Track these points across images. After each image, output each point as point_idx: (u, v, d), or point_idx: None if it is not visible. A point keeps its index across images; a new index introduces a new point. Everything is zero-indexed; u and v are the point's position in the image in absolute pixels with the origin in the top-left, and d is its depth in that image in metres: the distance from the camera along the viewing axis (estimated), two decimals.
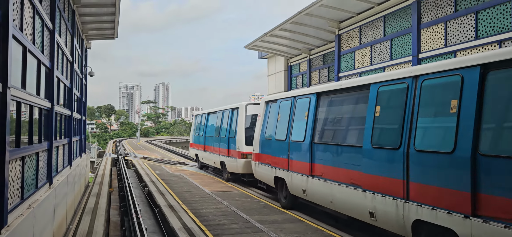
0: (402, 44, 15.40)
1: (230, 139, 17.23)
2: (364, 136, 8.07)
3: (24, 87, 7.30)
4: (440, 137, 6.36)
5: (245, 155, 15.83)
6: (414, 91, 6.93)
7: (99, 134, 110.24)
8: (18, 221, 6.29)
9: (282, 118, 12.20)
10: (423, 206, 6.35)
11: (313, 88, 10.89)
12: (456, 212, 5.73)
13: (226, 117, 18.29)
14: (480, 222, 5.35)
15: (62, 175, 11.98)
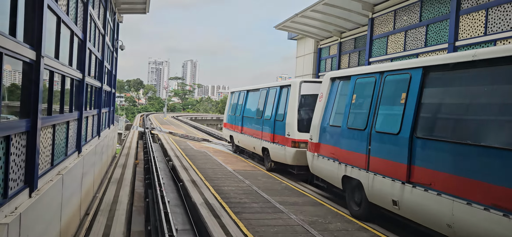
0: (439, 31, 14.77)
1: (276, 122, 14.64)
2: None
3: (57, 57, 7.49)
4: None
5: (297, 144, 13.17)
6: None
7: (128, 107, 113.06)
8: (47, 186, 6.55)
9: (358, 100, 9.46)
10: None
11: (414, 61, 8.23)
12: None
13: (272, 97, 15.67)
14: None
15: (91, 144, 12.36)
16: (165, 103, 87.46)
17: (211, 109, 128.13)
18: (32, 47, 5.72)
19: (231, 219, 8.39)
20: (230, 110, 21.79)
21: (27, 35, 5.66)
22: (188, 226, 9.49)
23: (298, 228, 8.00)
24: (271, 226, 8.06)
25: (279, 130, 14.22)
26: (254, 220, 8.38)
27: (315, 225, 8.26)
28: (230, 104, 21.97)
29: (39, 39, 5.88)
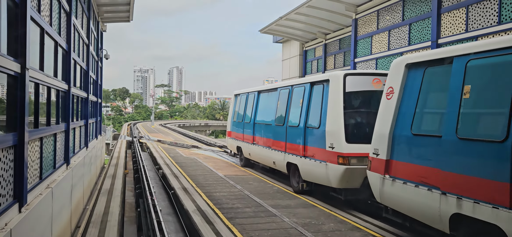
0: (421, 29, 15.03)
1: (309, 130, 11.45)
2: None
3: (41, 69, 7.38)
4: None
5: (346, 159, 9.77)
6: None
7: (114, 117, 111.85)
8: (37, 200, 6.43)
9: (481, 93, 6.05)
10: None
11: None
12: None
13: (298, 97, 12.47)
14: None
15: (79, 156, 12.19)
16: (152, 111, 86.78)
17: (199, 116, 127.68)
18: (16, 60, 5.62)
19: (224, 225, 8.36)
20: (235, 116, 18.47)
21: (10, 47, 5.56)
22: (181, 234, 9.41)
23: (291, 231, 8.01)
24: (265, 230, 8.06)
25: (315, 141, 11.04)
26: (247, 225, 8.37)
27: (309, 227, 8.29)
28: (235, 110, 18.69)
29: (23, 51, 5.79)
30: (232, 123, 18.79)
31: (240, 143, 17.37)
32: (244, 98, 17.56)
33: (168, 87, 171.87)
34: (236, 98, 19.00)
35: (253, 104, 16.24)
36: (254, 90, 16.61)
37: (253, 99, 16.34)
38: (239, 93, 18.66)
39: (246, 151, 16.61)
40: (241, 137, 17.15)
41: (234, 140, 18.34)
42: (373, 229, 8.30)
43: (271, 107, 14.41)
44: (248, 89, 17.47)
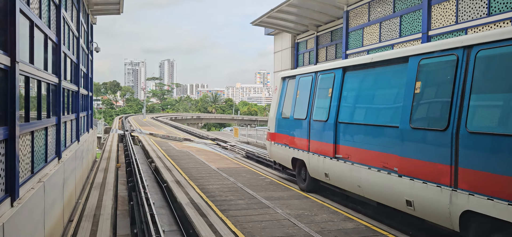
0: (412, 21, 15.13)
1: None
2: None
3: (32, 62, 7.30)
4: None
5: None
6: None
7: (105, 110, 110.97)
8: (29, 194, 6.40)
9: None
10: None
11: None
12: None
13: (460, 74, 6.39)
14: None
15: (71, 150, 12.11)
16: (143, 104, 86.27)
17: (191, 108, 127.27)
18: (5, 53, 5.55)
19: (218, 217, 8.40)
20: (286, 110, 12.37)
21: (0, 40, 5.50)
22: (175, 227, 9.44)
23: (285, 222, 8.08)
24: (258, 221, 8.12)
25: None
26: (241, 217, 8.42)
27: (302, 218, 8.37)
28: (284, 101, 12.63)
29: (13, 44, 5.71)
30: (279, 121, 12.69)
31: (301, 155, 11.15)
32: (308, 83, 11.29)
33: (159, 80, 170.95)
34: (286, 83, 12.77)
35: (333, 90, 9.94)
36: (330, 67, 10.46)
37: (333, 82, 10.00)
38: (292, 76, 12.42)
39: (317, 168, 10.29)
40: (303, 144, 11.07)
41: (285, 147, 12.16)
42: (365, 220, 8.41)
43: (387, 96, 8.40)
44: (315, 68, 11.26)
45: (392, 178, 7.60)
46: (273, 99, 13.55)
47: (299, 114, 11.42)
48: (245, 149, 24.47)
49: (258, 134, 30.39)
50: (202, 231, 7.41)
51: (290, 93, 12.25)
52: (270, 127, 13.36)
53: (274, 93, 13.73)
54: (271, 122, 13.32)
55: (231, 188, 11.31)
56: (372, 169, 8.20)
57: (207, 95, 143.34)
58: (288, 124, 12.09)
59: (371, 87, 8.97)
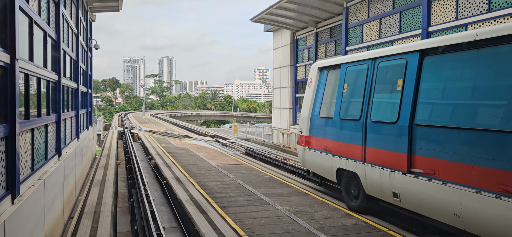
0: (412, 17, 15.11)
1: None
2: None
3: (31, 60, 7.29)
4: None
5: None
6: None
7: (105, 108, 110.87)
8: (30, 191, 6.41)
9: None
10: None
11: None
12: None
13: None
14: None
15: (70, 147, 12.11)
16: (143, 101, 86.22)
17: (190, 105, 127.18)
18: (5, 50, 5.55)
19: (218, 214, 8.42)
20: (326, 106, 10.35)
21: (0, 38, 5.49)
22: (175, 224, 9.46)
23: (285, 218, 8.11)
24: (258, 218, 8.14)
25: None
26: (241, 214, 8.44)
27: (301, 215, 8.39)
28: (323, 97, 10.54)
29: (12, 41, 5.71)
30: (316, 121, 10.58)
31: (352, 165, 8.90)
32: (361, 73, 9.05)
33: (158, 77, 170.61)
34: (324, 74, 10.67)
35: (406, 81, 7.73)
36: (405, 50, 7.93)
37: (405, 70, 7.79)
38: (335, 65, 10.21)
39: (380, 185, 8.05)
40: (355, 151, 8.81)
41: (325, 155, 9.94)
42: (365, 216, 8.43)
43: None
44: (372, 53, 8.89)
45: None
46: (306, 95, 11.12)
47: (347, 113, 9.23)
48: (245, 146, 24.50)
49: (258, 131, 30.41)
50: (202, 228, 7.44)
51: (332, 86, 10.18)
52: (303, 128, 10.97)
53: (307, 87, 11.21)
54: (303, 123, 10.96)
55: (231, 185, 11.33)
56: (483, 193, 5.83)
57: (207, 92, 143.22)
58: (330, 126, 9.79)
59: (477, 75, 6.38)
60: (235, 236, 7.01)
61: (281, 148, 25.09)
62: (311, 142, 10.66)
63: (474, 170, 6.02)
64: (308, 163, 10.98)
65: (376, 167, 8.09)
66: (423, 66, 7.40)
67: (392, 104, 8.01)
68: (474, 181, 6.00)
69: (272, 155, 19.98)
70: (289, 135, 25.69)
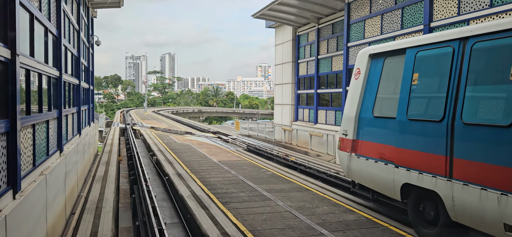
0: (414, 13, 15.04)
1: None
2: None
3: (32, 55, 7.28)
4: None
5: None
6: None
7: (107, 104, 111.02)
8: (31, 187, 6.41)
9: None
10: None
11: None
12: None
13: None
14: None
15: (72, 143, 12.13)
16: (145, 98, 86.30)
17: (192, 102, 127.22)
18: (6, 46, 5.54)
19: (219, 209, 8.42)
20: (383, 103, 8.45)
21: (0, 33, 5.48)
22: (176, 219, 9.48)
23: (286, 214, 8.10)
24: (260, 214, 8.14)
25: None
26: (242, 209, 8.45)
27: (303, 210, 8.39)
28: (377, 90, 8.56)
29: (13, 36, 5.70)
30: (367, 122, 8.60)
31: (429, 182, 6.90)
32: (442, 59, 7.06)
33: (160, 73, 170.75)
34: (379, 63, 8.59)
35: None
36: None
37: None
38: (398, 50, 8.10)
39: (482, 211, 5.94)
40: (433, 163, 6.83)
41: (383, 164, 7.91)
42: (366, 212, 8.42)
43: None
44: (457, 32, 6.83)
45: None
46: (352, 89, 9.07)
47: (420, 111, 7.29)
48: (246, 142, 24.50)
49: (259, 127, 30.42)
50: (203, 223, 7.44)
51: (393, 77, 8.21)
52: (347, 130, 8.95)
53: (353, 79, 9.08)
54: (348, 123, 8.95)
55: (232, 181, 11.33)
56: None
57: (208, 89, 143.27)
58: (390, 128, 7.79)
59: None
60: (237, 231, 7.01)
61: (283, 144, 25.09)
62: (359, 147, 8.60)
63: None
64: (354, 174, 8.81)
65: (472, 187, 5.95)
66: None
67: (500, 99, 5.95)
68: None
69: (274, 151, 19.98)
70: (291, 131, 25.68)
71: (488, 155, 5.81)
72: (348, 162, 8.93)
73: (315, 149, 21.94)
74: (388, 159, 7.70)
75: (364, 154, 8.45)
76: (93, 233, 7.69)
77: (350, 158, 8.85)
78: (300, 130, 24.66)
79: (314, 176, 13.44)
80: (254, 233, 6.94)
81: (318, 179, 12.93)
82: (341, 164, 9.39)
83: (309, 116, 25.37)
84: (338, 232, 7.04)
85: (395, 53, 8.15)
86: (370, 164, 8.18)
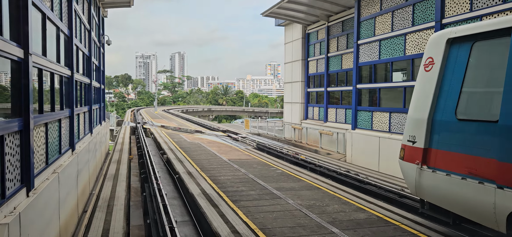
0: (425, 9, 14.84)
1: None
2: None
3: (44, 55, 7.37)
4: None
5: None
6: None
7: (117, 103, 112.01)
8: (44, 185, 6.49)
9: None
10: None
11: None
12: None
13: None
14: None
15: (84, 142, 12.25)
16: (155, 96, 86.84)
17: (202, 101, 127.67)
18: (19, 45, 5.61)
19: (229, 207, 8.43)
20: (475, 101, 6.73)
21: (13, 33, 5.54)
22: (187, 218, 9.51)
23: (296, 213, 8.08)
24: (270, 212, 8.13)
25: None
26: (252, 207, 8.44)
27: (313, 209, 8.35)
28: (462, 84, 6.65)
29: (25, 36, 5.77)
30: (445, 125, 6.87)
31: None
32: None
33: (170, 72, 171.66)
34: (462, 50, 6.85)
35: None
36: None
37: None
38: (491, 32, 6.29)
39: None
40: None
41: (473, 183, 6.08)
42: (377, 210, 8.35)
43: None
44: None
45: None
46: (421, 84, 7.34)
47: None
48: (256, 140, 24.50)
49: (269, 126, 30.38)
50: (214, 221, 7.46)
51: (488, 67, 6.59)
52: (416, 136, 7.15)
53: (422, 71, 7.34)
54: (416, 128, 7.17)
55: (242, 179, 11.34)
56: None
57: (218, 88, 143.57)
58: (488, 134, 5.97)
59: None
60: (247, 229, 7.01)
61: (293, 142, 25.02)
62: (435, 159, 6.81)
63: None
64: (427, 192, 7.00)
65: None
66: None
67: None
68: None
69: (284, 150, 19.94)
70: (301, 130, 25.60)
71: None
72: (417, 177, 7.07)
73: (325, 148, 21.84)
74: (484, 177, 5.81)
75: (443, 167, 6.58)
76: (105, 230, 7.76)
77: (420, 172, 7.01)
78: (310, 129, 24.56)
79: (324, 175, 13.39)
80: (265, 231, 6.93)
81: (329, 177, 12.88)
82: (405, 178, 7.41)
83: (319, 114, 25.26)
84: (349, 231, 6.99)
85: (491, 35, 6.25)
86: (454, 181, 6.31)
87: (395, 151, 15.62)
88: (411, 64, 15.36)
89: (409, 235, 6.92)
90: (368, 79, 18.22)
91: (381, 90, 17.28)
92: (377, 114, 17.35)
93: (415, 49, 15.18)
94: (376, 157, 16.67)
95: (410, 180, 7.26)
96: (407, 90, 15.68)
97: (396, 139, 15.54)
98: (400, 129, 15.85)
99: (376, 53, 17.56)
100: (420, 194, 7.14)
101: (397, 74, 16.76)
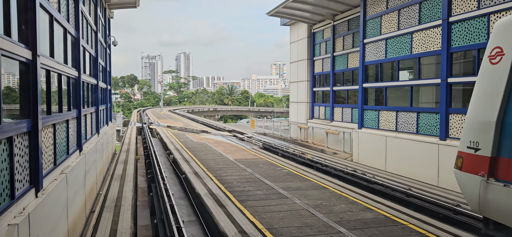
0: (432, 7, 14.73)
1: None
2: None
3: (52, 56, 7.42)
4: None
5: None
6: None
7: (123, 104, 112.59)
8: (52, 185, 6.54)
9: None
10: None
11: None
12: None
13: None
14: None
15: (91, 142, 12.32)
16: (161, 97, 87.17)
17: (207, 101, 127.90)
18: (27, 47, 5.65)
19: (236, 207, 8.43)
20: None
21: (21, 34, 5.59)
22: (194, 217, 9.53)
23: (303, 212, 8.06)
24: (277, 212, 8.12)
25: None
26: (259, 207, 8.43)
27: (320, 208, 8.33)
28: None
29: (33, 38, 5.81)
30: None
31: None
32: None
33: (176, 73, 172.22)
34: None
35: None
36: None
37: None
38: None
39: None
40: None
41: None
42: (385, 209, 8.31)
43: None
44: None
45: None
46: (486, 80, 5.98)
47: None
48: (262, 140, 24.48)
49: (275, 126, 30.35)
50: (221, 221, 7.46)
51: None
52: (479, 143, 5.88)
53: (486, 64, 5.95)
54: (479, 132, 5.89)
55: (248, 179, 11.33)
56: None
57: (223, 87, 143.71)
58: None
59: None
60: (254, 229, 7.00)
61: (298, 142, 24.98)
62: (506, 170, 5.51)
63: None
64: (494, 209, 5.66)
65: None
66: None
67: None
68: None
69: (290, 149, 19.91)
70: (307, 129, 25.54)
71: None
72: (482, 191, 5.76)
73: (331, 147, 21.77)
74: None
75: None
76: (112, 230, 7.80)
77: (486, 186, 5.71)
78: (316, 128, 24.50)
79: (331, 174, 13.33)
80: (272, 231, 6.92)
81: (335, 177, 12.82)
82: (464, 192, 6.10)
83: (324, 113, 25.18)
84: (356, 230, 6.96)
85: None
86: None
87: (402, 150, 15.55)
88: (418, 62, 15.26)
89: (417, 235, 6.87)
90: (374, 78, 18.14)
91: (387, 89, 17.19)
92: (384, 113, 17.26)
93: (422, 47, 15.08)
94: (383, 156, 16.59)
95: (470, 195, 5.90)
96: (414, 88, 15.58)
97: (403, 138, 15.44)
98: (407, 128, 15.75)
99: (382, 52, 17.47)
100: (484, 212, 5.76)
101: (403, 73, 16.66)
